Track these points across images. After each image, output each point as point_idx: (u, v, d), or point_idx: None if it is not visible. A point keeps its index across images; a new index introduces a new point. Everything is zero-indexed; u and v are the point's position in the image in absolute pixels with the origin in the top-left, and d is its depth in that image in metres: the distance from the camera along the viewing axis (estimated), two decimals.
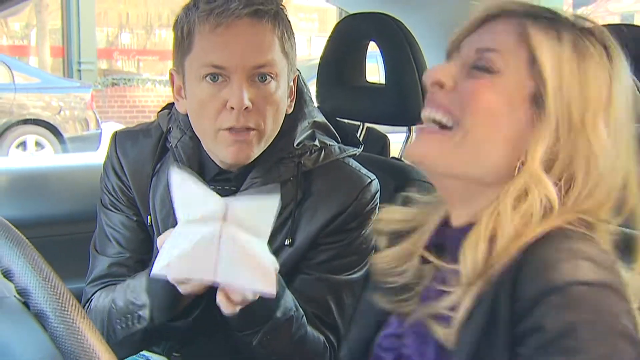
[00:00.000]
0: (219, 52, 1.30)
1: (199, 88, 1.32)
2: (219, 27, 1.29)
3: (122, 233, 1.47)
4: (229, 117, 1.30)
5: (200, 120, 1.35)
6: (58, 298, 0.75)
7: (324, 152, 1.43)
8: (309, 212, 1.40)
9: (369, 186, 1.43)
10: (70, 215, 1.95)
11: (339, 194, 1.41)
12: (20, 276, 0.78)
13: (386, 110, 1.78)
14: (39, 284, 0.77)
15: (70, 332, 0.73)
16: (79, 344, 0.73)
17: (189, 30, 1.33)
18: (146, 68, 14.97)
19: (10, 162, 3.92)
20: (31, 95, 8.65)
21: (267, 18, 1.32)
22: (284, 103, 1.38)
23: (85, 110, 8.86)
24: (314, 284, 1.39)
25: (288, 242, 1.39)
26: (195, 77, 1.32)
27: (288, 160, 1.40)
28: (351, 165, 1.46)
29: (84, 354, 0.72)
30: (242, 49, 1.30)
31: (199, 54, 1.32)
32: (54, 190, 2.03)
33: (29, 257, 0.80)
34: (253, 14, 1.30)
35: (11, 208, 1.97)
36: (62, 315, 0.74)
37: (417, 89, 1.70)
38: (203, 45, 1.31)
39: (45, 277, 0.77)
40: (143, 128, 1.54)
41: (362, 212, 1.42)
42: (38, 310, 0.76)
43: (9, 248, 0.82)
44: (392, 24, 1.75)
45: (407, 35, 1.73)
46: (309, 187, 1.42)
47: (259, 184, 1.37)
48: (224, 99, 1.29)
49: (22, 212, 1.95)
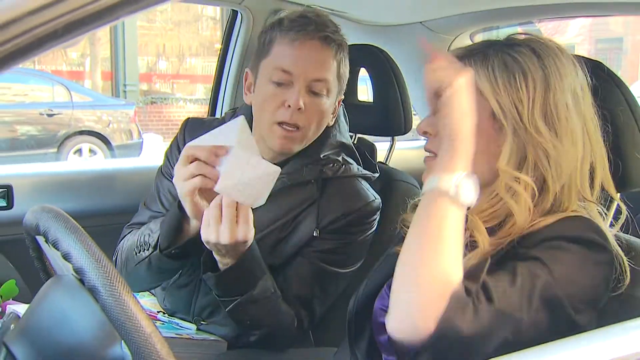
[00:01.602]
0: (290, 59, 1.34)
1: (267, 88, 1.36)
2: (296, 41, 1.34)
3: (167, 197, 1.48)
4: (284, 113, 1.33)
5: (261, 113, 1.38)
6: (107, 276, 0.75)
7: (344, 167, 1.44)
8: (316, 210, 1.40)
9: (372, 202, 1.43)
10: (117, 208, 1.95)
11: (347, 201, 1.40)
12: (76, 258, 0.78)
13: (374, 123, 1.78)
14: (92, 264, 0.76)
15: (117, 303, 0.73)
16: (124, 313, 0.72)
17: (270, 40, 1.37)
18: (179, 89, 14.95)
19: (69, 166, 3.92)
20: (86, 111, 8.64)
21: (333, 45, 1.36)
22: (327, 116, 1.41)
23: (129, 124, 8.86)
24: (307, 268, 1.38)
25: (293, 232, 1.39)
26: (266, 78, 1.36)
27: (313, 166, 1.41)
28: (362, 184, 1.46)
29: (128, 320, 0.72)
30: (308, 62, 1.34)
31: (273, 59, 1.36)
32: (104, 188, 2.03)
33: (84, 243, 0.79)
34: (323, 39, 1.35)
35: (70, 202, 1.97)
36: (110, 289, 0.74)
37: (399, 106, 1.71)
38: (279, 52, 1.35)
39: (97, 259, 0.77)
40: (213, 119, 1.59)
41: (363, 221, 1.41)
42: (91, 286, 0.75)
43: (68, 235, 0.82)
44: (379, 54, 1.75)
45: (391, 63, 1.73)
46: (325, 190, 1.41)
47: (286, 180, 1.38)
48: (284, 99, 1.33)
49: (78, 206, 1.95)
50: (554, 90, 0.97)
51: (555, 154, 0.97)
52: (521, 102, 0.97)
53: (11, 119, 8.34)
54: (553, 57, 1.00)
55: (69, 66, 13.65)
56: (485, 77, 0.99)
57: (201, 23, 15.41)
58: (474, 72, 0.99)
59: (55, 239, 0.83)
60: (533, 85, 0.97)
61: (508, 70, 0.98)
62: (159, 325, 1.43)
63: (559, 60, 1.00)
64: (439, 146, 0.97)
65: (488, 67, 0.99)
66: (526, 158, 0.98)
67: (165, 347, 0.71)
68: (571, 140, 0.98)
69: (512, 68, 0.98)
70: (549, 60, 0.99)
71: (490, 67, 0.99)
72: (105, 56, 13.01)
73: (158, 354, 0.70)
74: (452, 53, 1.05)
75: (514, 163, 0.99)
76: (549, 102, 0.97)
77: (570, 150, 0.98)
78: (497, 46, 1.02)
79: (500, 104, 0.98)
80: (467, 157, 0.92)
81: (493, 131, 1.00)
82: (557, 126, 0.97)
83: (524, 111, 0.97)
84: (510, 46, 1.01)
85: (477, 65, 1.00)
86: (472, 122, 0.93)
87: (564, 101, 0.98)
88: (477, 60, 1.01)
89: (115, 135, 8.68)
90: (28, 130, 8.39)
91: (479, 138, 0.95)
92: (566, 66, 1.00)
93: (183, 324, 1.49)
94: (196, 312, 1.48)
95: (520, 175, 0.98)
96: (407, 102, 1.74)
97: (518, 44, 1.01)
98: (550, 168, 0.97)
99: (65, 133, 8.39)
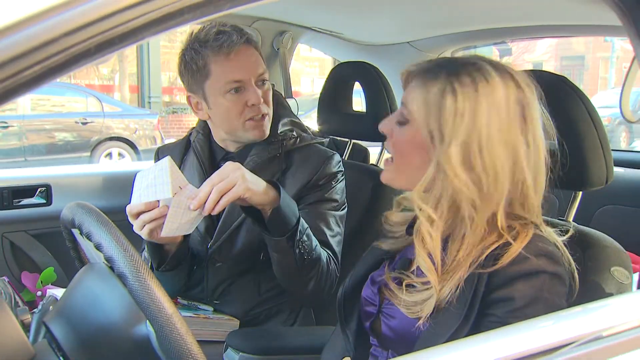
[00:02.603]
0: (235, 70, 1.35)
1: (225, 99, 1.37)
2: (230, 54, 1.34)
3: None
4: (251, 111, 1.37)
5: (229, 120, 1.40)
6: (134, 264, 0.75)
7: (299, 138, 1.47)
8: (291, 177, 1.43)
9: (332, 157, 1.46)
10: None
11: (311, 163, 1.44)
12: (107, 248, 0.78)
13: (367, 130, 1.78)
14: (121, 253, 0.76)
15: (143, 287, 0.73)
16: (149, 297, 0.72)
17: (205, 63, 1.36)
18: None
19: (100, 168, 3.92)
20: (115, 120, 8.62)
21: (252, 42, 1.39)
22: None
23: (153, 131, 8.85)
24: (306, 215, 1.36)
25: None
26: (219, 93, 1.37)
27: (274, 143, 1.44)
28: (319, 146, 1.49)
29: (152, 303, 0.72)
30: (250, 65, 1.37)
31: (220, 76, 1.36)
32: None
33: (114, 235, 0.79)
34: (246, 41, 1.37)
35: (102, 199, 1.97)
36: (137, 276, 0.74)
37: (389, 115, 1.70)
38: (221, 69, 1.35)
39: (125, 249, 0.77)
40: (177, 142, 1.61)
41: (329, 173, 1.43)
42: (120, 273, 0.75)
43: (99, 228, 0.82)
44: (371, 69, 1.75)
45: (381, 77, 1.73)
46: (290, 160, 1.45)
47: (255, 158, 1.41)
48: (245, 100, 1.36)
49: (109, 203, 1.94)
50: (479, 126, 0.89)
51: (469, 194, 0.89)
52: (445, 132, 0.90)
53: (50, 127, 8.34)
54: (491, 89, 0.90)
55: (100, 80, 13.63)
56: (423, 100, 0.93)
57: None
58: (410, 90, 0.95)
59: (89, 232, 0.83)
60: (461, 117, 0.89)
61: (443, 97, 0.91)
62: (179, 307, 1.44)
63: (496, 93, 0.90)
64: (392, 149, 0.99)
65: (428, 91, 0.93)
66: (444, 190, 0.91)
67: (184, 325, 0.71)
68: (494, 177, 0.89)
69: (446, 96, 0.90)
70: (485, 93, 0.90)
71: (430, 91, 0.92)
72: (132, 72, 13.00)
73: (178, 331, 0.70)
74: (407, 68, 0.99)
75: (438, 192, 0.92)
76: (472, 138, 0.89)
77: (492, 187, 0.89)
78: (445, 70, 0.93)
79: (429, 130, 0.92)
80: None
81: (425, 151, 0.94)
82: (475, 164, 0.89)
83: (445, 143, 0.90)
84: (456, 73, 0.91)
85: (420, 87, 0.94)
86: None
87: (490, 135, 0.89)
88: (421, 82, 0.94)
89: (141, 140, 8.67)
90: (65, 137, 8.39)
91: (416, 159, 0.95)
92: (502, 99, 0.90)
93: (201, 305, 1.49)
94: (209, 293, 1.48)
95: (423, 206, 0.92)
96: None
97: (463, 72, 0.91)
98: (466, 204, 0.89)
99: (97, 139, 8.39)
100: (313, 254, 1.30)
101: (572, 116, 1.05)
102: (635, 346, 0.77)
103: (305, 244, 1.27)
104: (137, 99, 12.66)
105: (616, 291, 0.99)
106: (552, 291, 0.87)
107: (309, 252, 1.28)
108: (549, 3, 1.53)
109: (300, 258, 1.27)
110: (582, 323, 0.80)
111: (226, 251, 1.43)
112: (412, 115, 0.96)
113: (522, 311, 0.85)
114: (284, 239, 1.25)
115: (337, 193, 1.44)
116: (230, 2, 0.66)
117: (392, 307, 1.00)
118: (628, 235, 1.32)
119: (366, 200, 1.63)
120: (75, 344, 0.80)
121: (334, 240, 1.40)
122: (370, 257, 1.14)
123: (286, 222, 1.24)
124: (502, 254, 0.88)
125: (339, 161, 1.47)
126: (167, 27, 0.63)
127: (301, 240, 1.26)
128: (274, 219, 1.23)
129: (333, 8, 1.83)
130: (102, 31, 0.59)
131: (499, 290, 0.87)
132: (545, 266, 0.88)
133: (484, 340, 0.76)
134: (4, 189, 1.87)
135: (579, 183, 1.08)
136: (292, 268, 1.29)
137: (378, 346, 1.04)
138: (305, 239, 1.27)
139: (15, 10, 0.56)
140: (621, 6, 0.95)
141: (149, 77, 12.38)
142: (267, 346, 1.33)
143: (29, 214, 1.91)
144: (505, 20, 1.80)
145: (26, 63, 0.56)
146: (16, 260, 1.91)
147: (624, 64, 14.27)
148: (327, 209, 1.42)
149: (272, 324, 1.48)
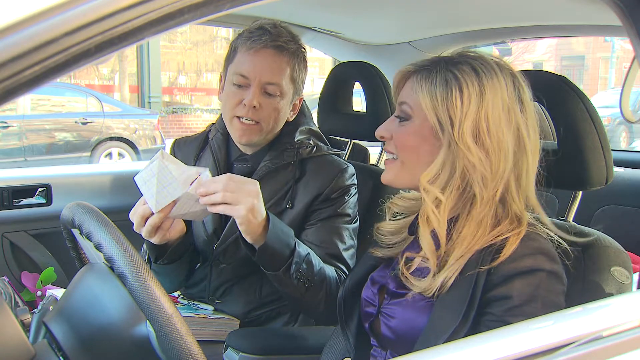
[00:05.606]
0: (247, 66, 1.36)
1: (229, 88, 1.40)
2: (251, 50, 1.36)
3: None
4: (241, 109, 1.37)
5: (224, 109, 1.42)
6: (134, 264, 0.75)
7: (316, 148, 1.47)
8: (304, 186, 1.41)
9: (346, 169, 1.45)
10: None
11: (325, 174, 1.42)
12: (107, 248, 0.78)
13: (367, 130, 1.77)
14: (121, 253, 0.76)
15: (142, 287, 0.73)
16: (149, 297, 0.72)
17: (235, 48, 1.40)
18: (197, 101, 14.93)
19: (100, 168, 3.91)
20: (115, 120, 8.62)
21: (286, 53, 1.37)
22: (284, 113, 1.43)
23: (153, 131, 8.84)
24: (319, 230, 1.38)
25: (289, 206, 1.40)
26: (230, 80, 1.40)
27: (289, 150, 1.44)
28: (334, 157, 1.48)
29: (152, 303, 0.72)
30: (262, 68, 1.36)
31: (235, 65, 1.39)
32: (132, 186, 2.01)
33: (114, 235, 0.79)
34: (276, 47, 1.36)
35: (101, 200, 1.97)
36: (137, 276, 0.74)
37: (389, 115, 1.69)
38: (239, 59, 1.38)
39: (125, 249, 0.77)
40: (196, 135, 1.61)
41: (342, 186, 1.42)
42: (120, 273, 0.75)
43: (99, 228, 0.81)
44: (371, 69, 1.75)
45: (381, 77, 1.73)
46: (304, 169, 1.43)
47: (270, 165, 1.42)
48: (241, 98, 1.37)
49: (109, 202, 1.95)
50: (486, 107, 0.93)
51: (481, 168, 0.93)
52: (455, 116, 0.93)
53: (50, 127, 8.34)
54: (491, 74, 0.95)
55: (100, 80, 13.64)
56: (427, 92, 0.97)
57: (216, 43, 15.41)
58: (416, 84, 0.98)
59: (89, 232, 0.83)
60: (468, 101, 0.93)
61: (447, 86, 0.95)
62: (179, 307, 1.44)
63: (496, 77, 0.95)
64: (394, 149, 1.01)
65: (431, 83, 0.97)
66: (455, 171, 0.95)
67: (184, 326, 0.71)
68: (501, 154, 0.93)
69: (450, 84, 0.95)
70: (487, 77, 0.95)
71: (433, 82, 0.97)
72: (132, 72, 13.00)
73: (178, 332, 0.70)
74: (403, 68, 1.03)
75: (446, 175, 0.95)
76: (481, 117, 0.93)
77: (499, 163, 0.93)
78: (443, 63, 0.98)
79: (438, 117, 0.95)
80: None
81: (433, 143, 0.98)
82: (485, 140, 0.93)
83: (456, 125, 0.93)
84: (454, 64, 0.97)
85: (422, 81, 0.98)
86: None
87: (497, 115, 0.93)
88: (422, 76, 0.98)
89: (141, 140, 8.67)
90: (65, 137, 8.39)
91: (423, 150, 0.96)
92: (502, 82, 0.95)
93: (201, 305, 1.49)
94: (211, 292, 1.48)
95: (430, 188, 0.95)
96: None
97: (461, 62, 0.97)
98: (477, 179, 0.93)
99: (97, 139, 8.40)
100: (315, 279, 1.25)
101: (572, 116, 1.05)
102: (635, 346, 0.77)
103: (305, 271, 1.23)
104: (137, 99, 12.66)
105: (616, 291, 0.99)
106: (550, 289, 0.88)
107: (310, 279, 1.24)
108: (549, 3, 1.53)
109: (301, 286, 1.23)
110: (582, 323, 0.80)
111: (231, 254, 1.43)
112: (415, 109, 0.99)
113: (520, 309, 0.85)
114: (279, 272, 1.21)
115: (350, 207, 1.43)
116: (230, 2, 0.66)
117: (391, 308, 1.00)
118: (628, 235, 1.32)
119: (366, 200, 1.63)
120: (75, 344, 0.80)
121: (347, 254, 1.39)
122: (369, 258, 1.14)
123: (276, 257, 1.19)
124: (501, 249, 0.90)
125: (352, 174, 1.46)
126: (167, 27, 0.63)
127: (299, 270, 1.21)
128: (262, 255, 1.19)
129: (333, 8, 1.83)
130: (102, 31, 0.59)
131: (497, 289, 0.88)
132: (543, 264, 0.88)
133: (484, 340, 0.76)
134: (4, 189, 1.87)
135: (579, 183, 1.08)
136: (296, 295, 1.25)
137: (377, 346, 1.04)
138: (304, 267, 1.22)
139: (15, 10, 0.56)
140: (621, 6, 0.95)
141: (149, 77, 12.39)
142: (267, 346, 1.33)
143: (29, 214, 1.91)
144: (505, 20, 1.80)
145: (26, 63, 0.56)
146: (16, 260, 1.92)
147: (624, 64, 14.28)
148: (340, 223, 1.40)
149: (272, 325, 1.48)
